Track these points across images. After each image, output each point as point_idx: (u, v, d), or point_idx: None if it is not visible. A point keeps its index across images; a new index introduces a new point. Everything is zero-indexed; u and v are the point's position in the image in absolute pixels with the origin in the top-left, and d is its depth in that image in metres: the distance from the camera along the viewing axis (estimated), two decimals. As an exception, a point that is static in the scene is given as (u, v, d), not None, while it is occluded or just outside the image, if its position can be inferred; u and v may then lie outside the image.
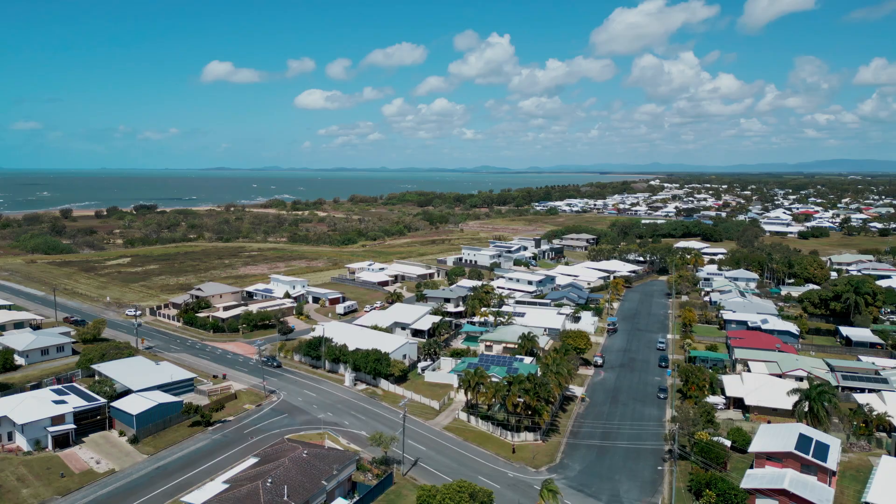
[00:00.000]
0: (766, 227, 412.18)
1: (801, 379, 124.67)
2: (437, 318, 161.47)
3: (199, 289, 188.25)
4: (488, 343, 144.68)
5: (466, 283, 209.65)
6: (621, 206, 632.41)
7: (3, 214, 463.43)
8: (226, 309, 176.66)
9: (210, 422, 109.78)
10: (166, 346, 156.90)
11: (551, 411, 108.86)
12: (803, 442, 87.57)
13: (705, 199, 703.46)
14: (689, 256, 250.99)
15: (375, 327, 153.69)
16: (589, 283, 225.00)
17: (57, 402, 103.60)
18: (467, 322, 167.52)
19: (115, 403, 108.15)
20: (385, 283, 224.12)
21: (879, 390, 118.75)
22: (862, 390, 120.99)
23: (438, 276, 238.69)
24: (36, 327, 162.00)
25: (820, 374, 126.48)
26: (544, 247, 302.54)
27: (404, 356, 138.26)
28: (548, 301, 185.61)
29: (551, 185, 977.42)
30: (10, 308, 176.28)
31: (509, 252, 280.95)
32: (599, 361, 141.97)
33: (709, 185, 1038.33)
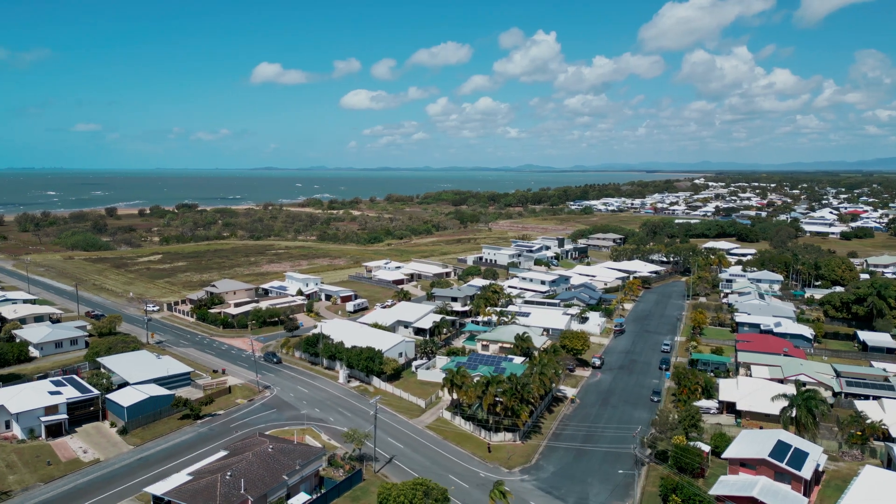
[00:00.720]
0: (808, 228, 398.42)
1: (803, 384, 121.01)
2: (439, 317, 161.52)
3: (213, 285, 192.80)
4: (485, 342, 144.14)
5: (479, 282, 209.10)
6: (659, 205, 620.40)
7: (52, 213, 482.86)
8: (237, 305, 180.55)
9: (199, 415, 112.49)
10: (176, 340, 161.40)
11: (532, 412, 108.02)
12: (779, 449, 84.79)
13: (749, 199, 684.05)
14: (712, 257, 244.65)
15: (376, 325, 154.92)
16: (605, 284, 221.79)
17: (52, 393, 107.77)
18: (471, 321, 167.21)
19: (111, 395, 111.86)
20: (400, 282, 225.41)
21: (882, 397, 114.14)
22: (866, 397, 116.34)
23: (455, 274, 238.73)
24: (56, 321, 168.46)
25: (826, 379, 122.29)
26: (568, 246, 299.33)
27: (400, 354, 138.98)
28: (556, 301, 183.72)
29: (596, 183, 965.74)
30: (34, 302, 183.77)
31: (530, 252, 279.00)
32: (598, 363, 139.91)
33: (756, 185, 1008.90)
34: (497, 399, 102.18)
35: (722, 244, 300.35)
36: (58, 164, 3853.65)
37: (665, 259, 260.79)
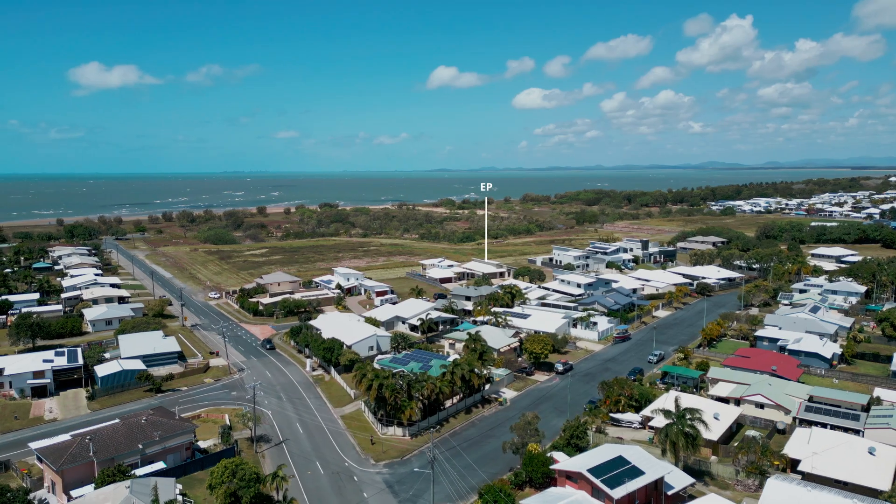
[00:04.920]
0: None
1: (761, 406, 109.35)
2: (436, 314, 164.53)
3: (261, 277, 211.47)
4: (451, 341, 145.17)
5: (521, 283, 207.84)
6: (819, 205, 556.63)
7: (213, 210, 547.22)
8: (272, 296, 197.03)
9: (160, 389, 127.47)
10: (208, 324, 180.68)
11: (436, 409, 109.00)
12: (609, 465, 79.46)
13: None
14: (790, 265, 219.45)
15: (369, 319, 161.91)
16: (657, 290, 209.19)
17: (46, 361, 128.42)
18: (471, 321, 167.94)
19: (97, 367, 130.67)
20: (448, 280, 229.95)
21: (841, 427, 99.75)
22: (823, 425, 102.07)
23: (509, 275, 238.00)
24: (123, 301, 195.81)
25: (790, 402, 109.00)
26: (653, 249, 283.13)
27: (371, 347, 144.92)
28: (572, 305, 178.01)
29: (785, 181, 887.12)
30: (118, 286, 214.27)
31: (604, 254, 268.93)
32: (560, 368, 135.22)
33: None
34: (383, 394, 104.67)
35: (835, 251, 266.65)
36: (262, 167, 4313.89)
37: (744, 264, 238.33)
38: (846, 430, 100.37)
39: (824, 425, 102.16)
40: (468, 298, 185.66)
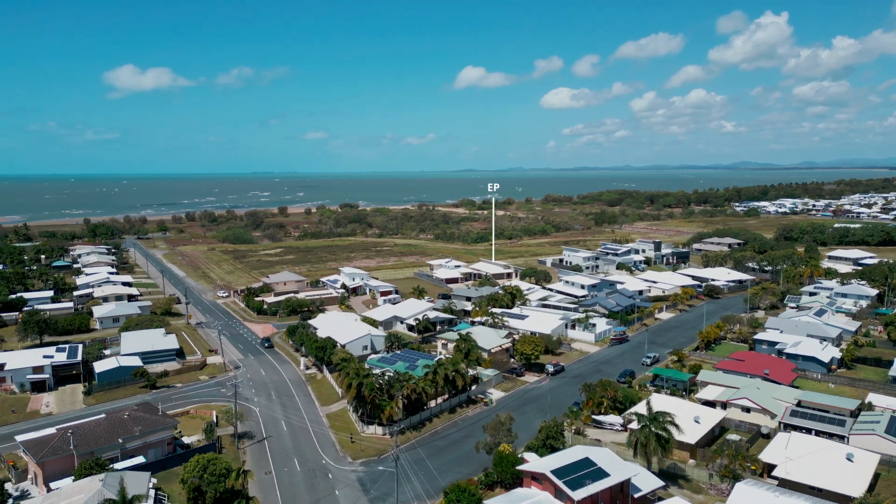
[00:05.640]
0: None
1: (747, 410, 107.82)
2: (434, 315, 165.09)
3: (268, 276, 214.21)
4: (444, 341, 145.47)
5: (524, 284, 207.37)
6: (847, 206, 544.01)
7: (235, 210, 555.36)
8: (276, 295, 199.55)
9: (155, 385, 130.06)
10: (213, 322, 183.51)
11: (418, 409, 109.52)
12: (574, 466, 79.17)
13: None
14: (803, 268, 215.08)
15: (367, 319, 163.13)
16: (663, 291, 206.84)
17: (46, 357, 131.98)
18: (469, 321, 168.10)
19: (95, 364, 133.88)
20: (454, 281, 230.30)
21: (826, 433, 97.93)
22: (808, 430, 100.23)
23: (516, 276, 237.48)
24: (133, 299, 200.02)
25: (780, 406, 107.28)
26: (666, 250, 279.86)
27: (364, 347, 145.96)
28: (572, 307, 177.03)
29: (818, 181, 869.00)
30: (129, 285, 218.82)
31: (616, 255, 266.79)
32: (551, 369, 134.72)
33: None
34: (362, 392, 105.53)
35: (852, 253, 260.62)
36: (290, 168, 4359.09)
37: (755, 266, 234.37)
38: (831, 435, 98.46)
39: (809, 430, 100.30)
40: (468, 299, 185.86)
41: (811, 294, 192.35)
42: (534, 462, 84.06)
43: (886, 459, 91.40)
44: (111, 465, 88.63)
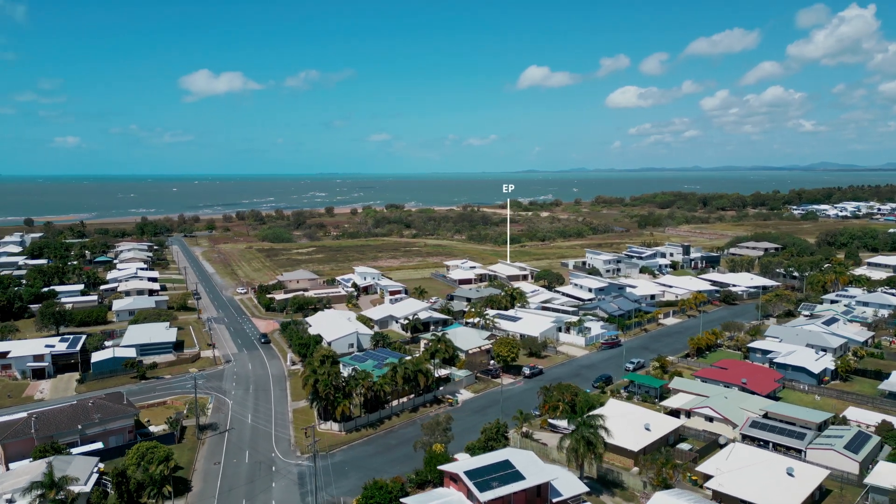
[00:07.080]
0: None
1: (710, 419, 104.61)
2: (426, 315, 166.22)
3: (282, 274, 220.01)
4: (426, 341, 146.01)
5: (524, 286, 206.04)
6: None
7: (283, 210, 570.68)
8: (287, 292, 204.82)
9: (145, 376, 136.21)
10: (223, 317, 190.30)
11: (377, 407, 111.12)
12: (489, 468, 78.97)
13: None
14: (831, 274, 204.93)
15: (361, 318, 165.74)
16: (677, 296, 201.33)
17: (47, 346, 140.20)
18: (462, 322, 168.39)
19: (94, 354, 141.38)
20: (468, 281, 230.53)
21: (783, 446, 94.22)
22: (766, 443, 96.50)
23: (531, 278, 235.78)
24: (153, 293, 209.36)
25: (743, 416, 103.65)
26: (695, 254, 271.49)
27: (351, 345, 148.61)
28: (572, 310, 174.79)
29: (868, 185, 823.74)
30: (155, 280, 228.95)
31: (640, 258, 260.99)
32: (528, 372, 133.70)
33: None
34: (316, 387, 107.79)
35: (892, 260, 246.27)
36: (354, 170, 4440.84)
37: (786, 273, 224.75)
38: (788, 448, 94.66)
39: (766, 443, 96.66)
40: (468, 300, 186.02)
41: (832, 302, 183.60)
42: (457, 463, 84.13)
43: (840, 476, 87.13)
44: (67, 450, 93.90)
